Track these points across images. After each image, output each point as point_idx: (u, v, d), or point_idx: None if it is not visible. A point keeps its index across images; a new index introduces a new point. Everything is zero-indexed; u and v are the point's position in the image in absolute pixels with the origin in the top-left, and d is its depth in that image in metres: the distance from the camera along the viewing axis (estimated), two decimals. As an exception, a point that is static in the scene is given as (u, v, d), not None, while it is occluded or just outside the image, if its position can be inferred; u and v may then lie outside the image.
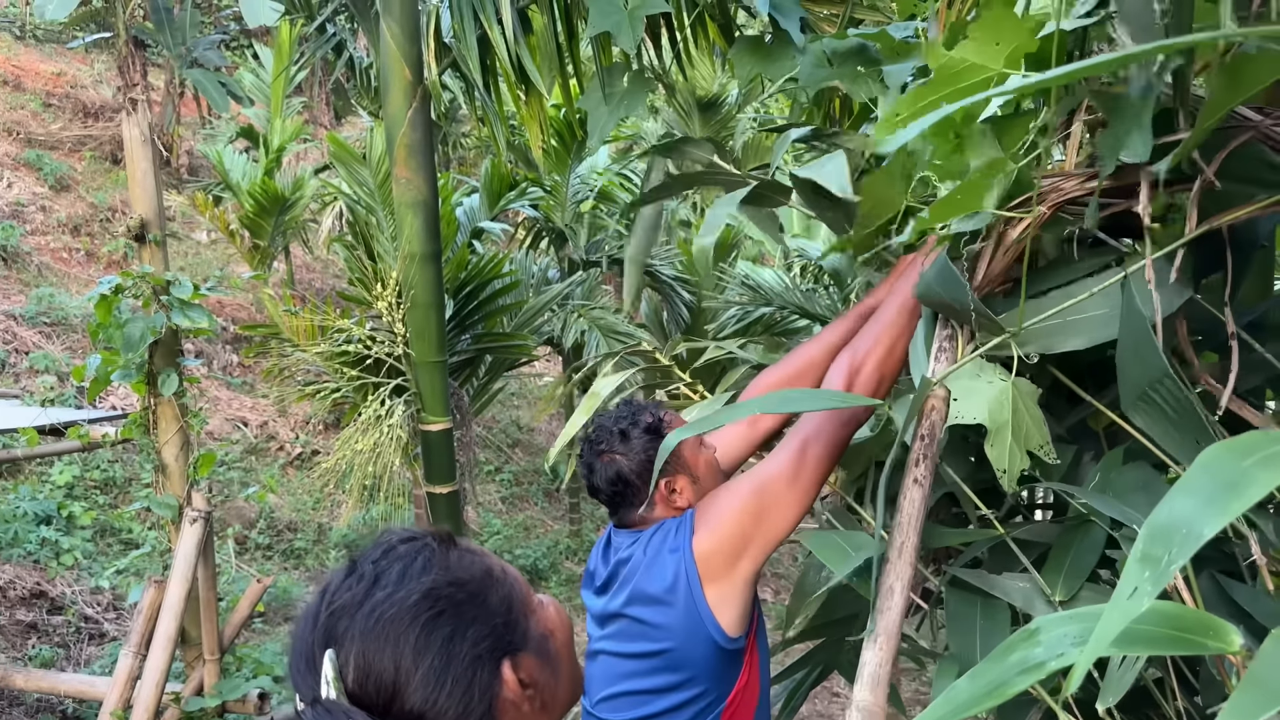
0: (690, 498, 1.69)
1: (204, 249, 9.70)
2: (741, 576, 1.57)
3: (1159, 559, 0.78)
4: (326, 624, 0.81)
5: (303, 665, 0.81)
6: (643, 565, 1.63)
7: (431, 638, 0.80)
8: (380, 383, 4.10)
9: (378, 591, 0.81)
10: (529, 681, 0.85)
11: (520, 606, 0.88)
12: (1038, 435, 1.32)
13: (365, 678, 0.78)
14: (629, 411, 1.75)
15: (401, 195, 3.62)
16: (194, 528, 3.05)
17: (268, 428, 8.11)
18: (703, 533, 1.58)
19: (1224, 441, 0.77)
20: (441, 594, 0.82)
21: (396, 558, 0.84)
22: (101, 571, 6.17)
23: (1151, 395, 1.14)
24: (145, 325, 3.02)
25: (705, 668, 1.58)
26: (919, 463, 1.32)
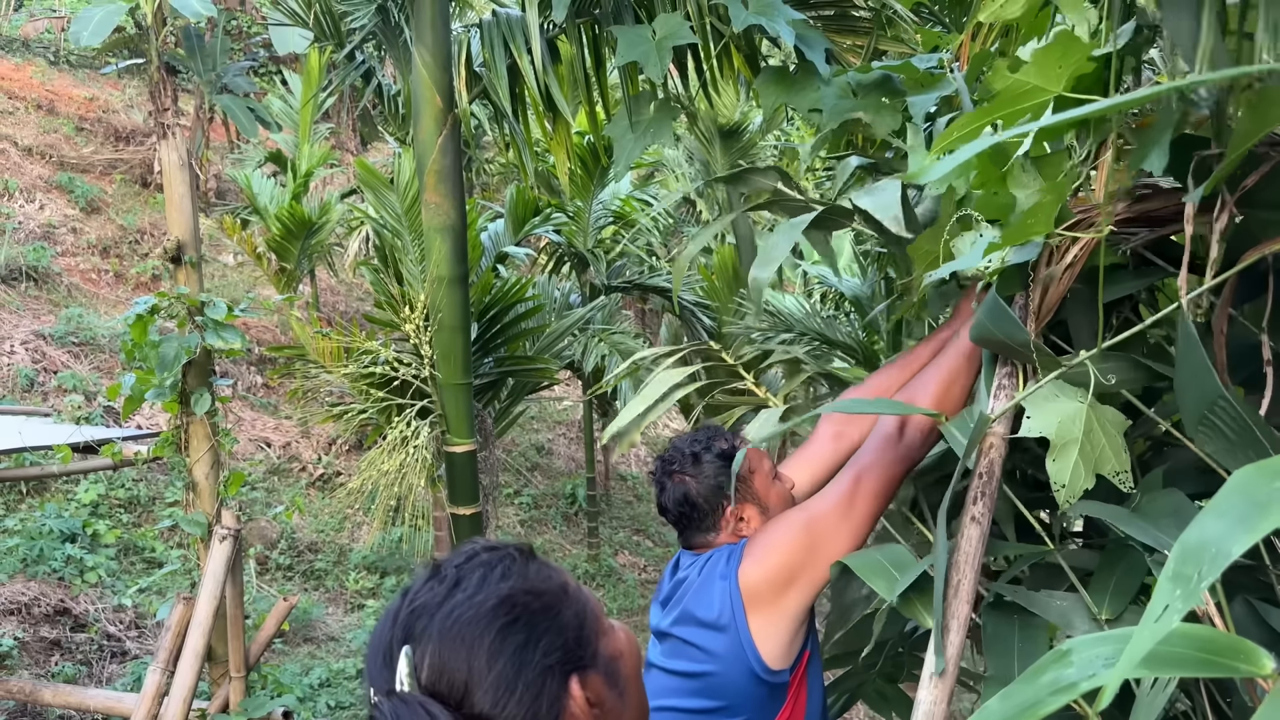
0: (758, 528, 1.70)
1: (231, 271, 9.83)
2: (789, 609, 1.57)
3: (1189, 578, 0.80)
4: (406, 621, 0.83)
5: (380, 660, 0.83)
6: (695, 588, 1.65)
7: (505, 643, 0.81)
8: (406, 404, 4.15)
9: (458, 594, 0.83)
10: (596, 701, 0.86)
11: (593, 625, 0.89)
12: (1114, 462, 1.33)
13: (439, 676, 0.80)
14: (705, 435, 1.76)
15: (431, 220, 3.69)
16: (223, 545, 3.10)
17: (290, 448, 8.17)
18: (751, 561, 1.59)
19: (1255, 464, 0.79)
20: (518, 601, 0.84)
21: (479, 564, 0.86)
22: (124, 590, 6.22)
23: (1211, 419, 1.16)
24: (180, 345, 3.08)
25: (744, 697, 1.58)
26: (977, 500, 1.34)
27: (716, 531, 1.71)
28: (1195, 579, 0.78)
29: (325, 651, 6.25)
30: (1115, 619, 1.36)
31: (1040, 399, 1.35)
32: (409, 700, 0.78)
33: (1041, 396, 1.35)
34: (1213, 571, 0.78)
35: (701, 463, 1.71)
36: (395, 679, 0.80)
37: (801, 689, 1.63)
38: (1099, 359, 1.32)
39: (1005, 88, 1.30)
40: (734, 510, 1.70)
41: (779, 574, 1.56)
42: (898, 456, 1.54)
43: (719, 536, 1.71)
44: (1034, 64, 1.26)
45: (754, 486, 1.70)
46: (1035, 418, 1.34)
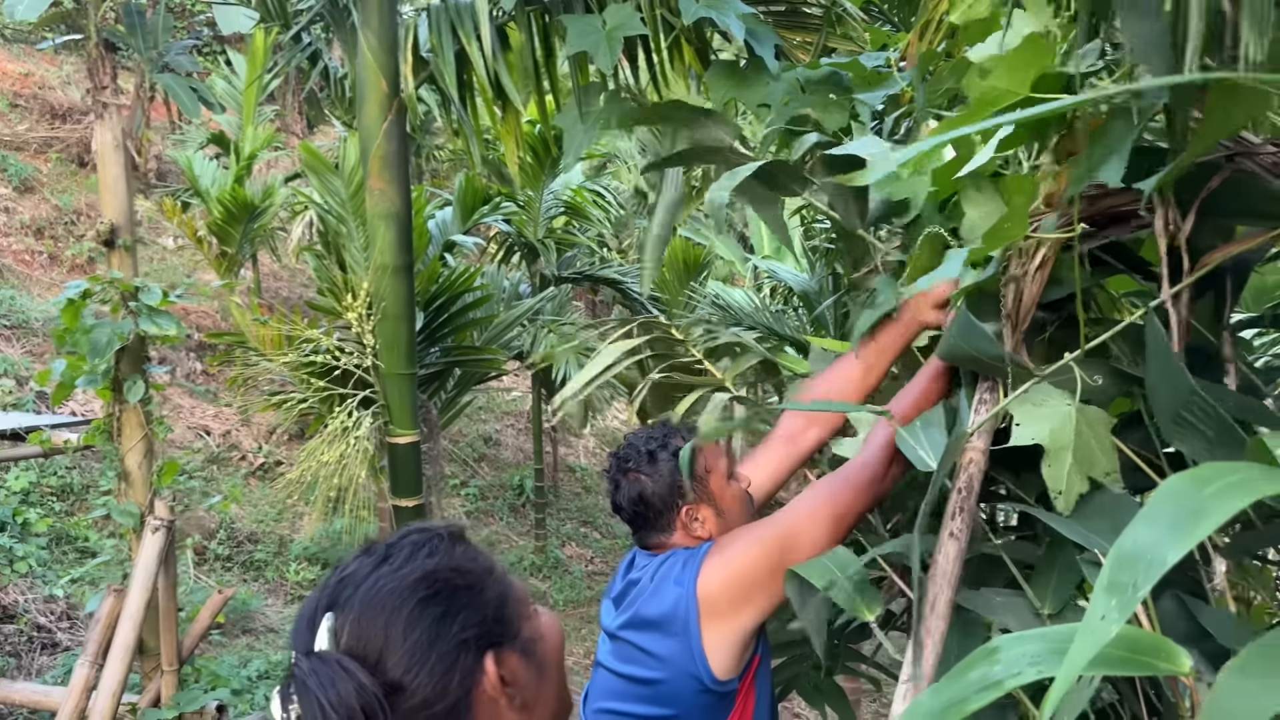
0: (713, 529, 1.68)
1: (170, 255, 9.60)
2: (743, 623, 1.55)
3: (1125, 587, 0.81)
4: (333, 590, 0.86)
5: (303, 625, 0.85)
6: (648, 592, 1.63)
7: (424, 614, 0.84)
8: (348, 394, 4.09)
9: (384, 567, 0.86)
10: (510, 679, 0.88)
11: (515, 607, 0.91)
12: (1104, 462, 1.34)
13: (356, 641, 0.82)
14: (661, 433, 1.73)
15: (375, 207, 3.62)
16: (155, 536, 3.02)
17: (230, 437, 8.02)
18: (711, 571, 1.56)
19: (1185, 472, 0.80)
20: (441, 576, 0.86)
21: (409, 542, 0.89)
22: (56, 580, 6.06)
23: (1185, 417, 1.16)
24: (112, 331, 2.99)
25: (690, 706, 1.57)
26: (955, 516, 1.33)
27: (671, 531, 1.69)
28: (1131, 589, 0.79)
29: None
30: (1057, 614, 1.38)
31: (1028, 406, 1.36)
32: (326, 659, 0.81)
33: (1029, 403, 1.36)
34: (1148, 580, 0.79)
35: (657, 461, 1.68)
36: (315, 642, 0.82)
37: (750, 694, 1.62)
38: (1082, 362, 1.34)
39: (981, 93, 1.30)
40: (689, 510, 1.67)
41: (739, 589, 1.54)
42: (875, 497, 1.56)
43: (673, 536, 1.69)
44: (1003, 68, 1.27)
45: (710, 487, 1.68)
46: (1025, 425, 1.33)
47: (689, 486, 1.67)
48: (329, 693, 0.79)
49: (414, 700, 0.82)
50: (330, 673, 0.80)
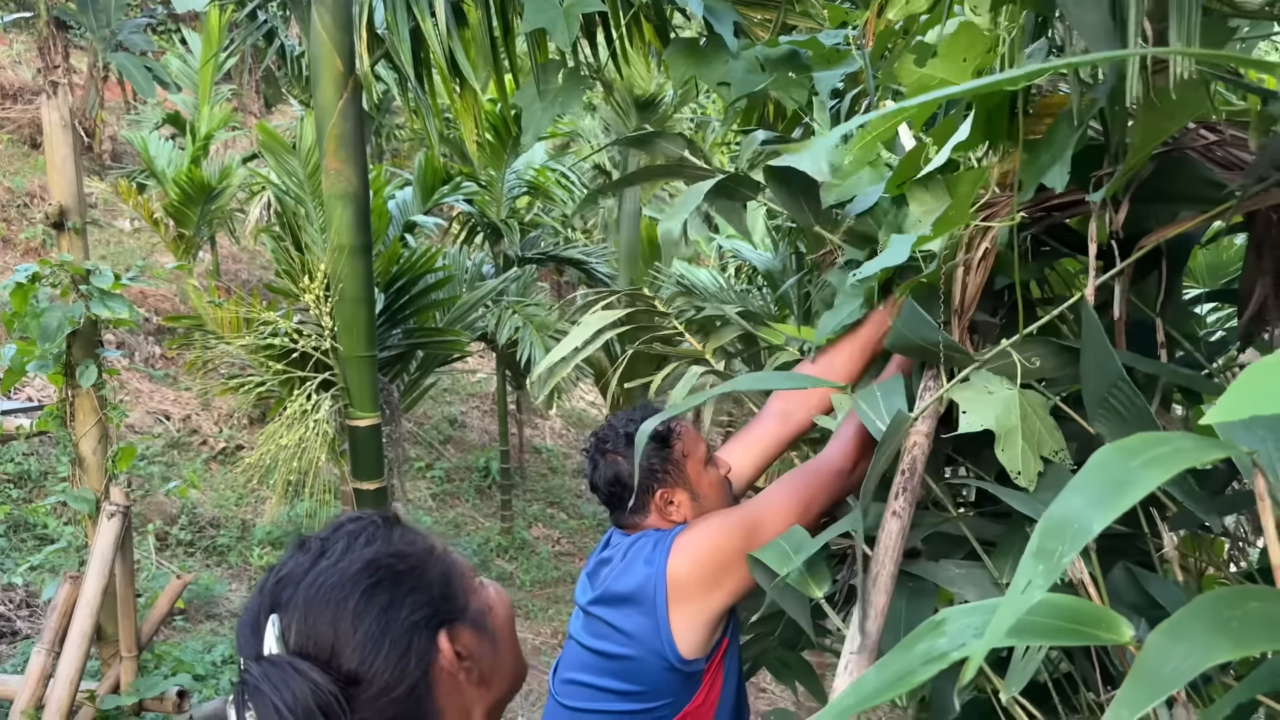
0: (688, 513, 1.69)
1: (127, 238, 9.43)
2: (711, 607, 1.57)
3: (1052, 553, 0.82)
4: (273, 591, 0.85)
5: (248, 631, 0.84)
6: (619, 570, 1.64)
7: (370, 604, 0.84)
8: (307, 377, 4.05)
9: (323, 562, 0.86)
10: (466, 654, 0.89)
11: (459, 582, 0.92)
12: (1051, 442, 1.37)
13: (306, 640, 0.82)
14: (641, 415, 1.74)
15: (331, 187, 3.58)
16: (112, 522, 2.98)
17: (191, 421, 7.92)
18: (681, 555, 1.58)
19: (1114, 443, 0.82)
20: (382, 564, 0.86)
21: (344, 534, 0.89)
22: (15, 568, 5.97)
23: (1110, 401, 1.19)
24: (63, 315, 2.94)
25: (657, 683, 1.58)
26: (898, 495, 1.36)
27: (646, 513, 1.70)
28: (1057, 554, 0.81)
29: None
30: (1019, 585, 1.41)
31: (970, 393, 1.38)
32: (278, 662, 0.80)
33: (971, 390, 1.38)
34: (1074, 548, 0.80)
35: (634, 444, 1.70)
36: (264, 646, 0.82)
37: (718, 675, 1.63)
38: (1021, 346, 1.36)
39: (915, 81, 1.31)
40: (664, 493, 1.68)
41: (708, 574, 1.56)
42: (844, 490, 1.60)
43: (648, 518, 1.71)
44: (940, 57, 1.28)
45: (686, 471, 1.69)
46: (971, 413, 1.36)
47: (665, 470, 1.67)
48: (284, 695, 0.78)
49: (373, 689, 0.82)
50: (283, 675, 0.79)
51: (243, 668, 0.82)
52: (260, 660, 0.81)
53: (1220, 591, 0.85)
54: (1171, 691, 0.73)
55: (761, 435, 1.81)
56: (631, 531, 1.72)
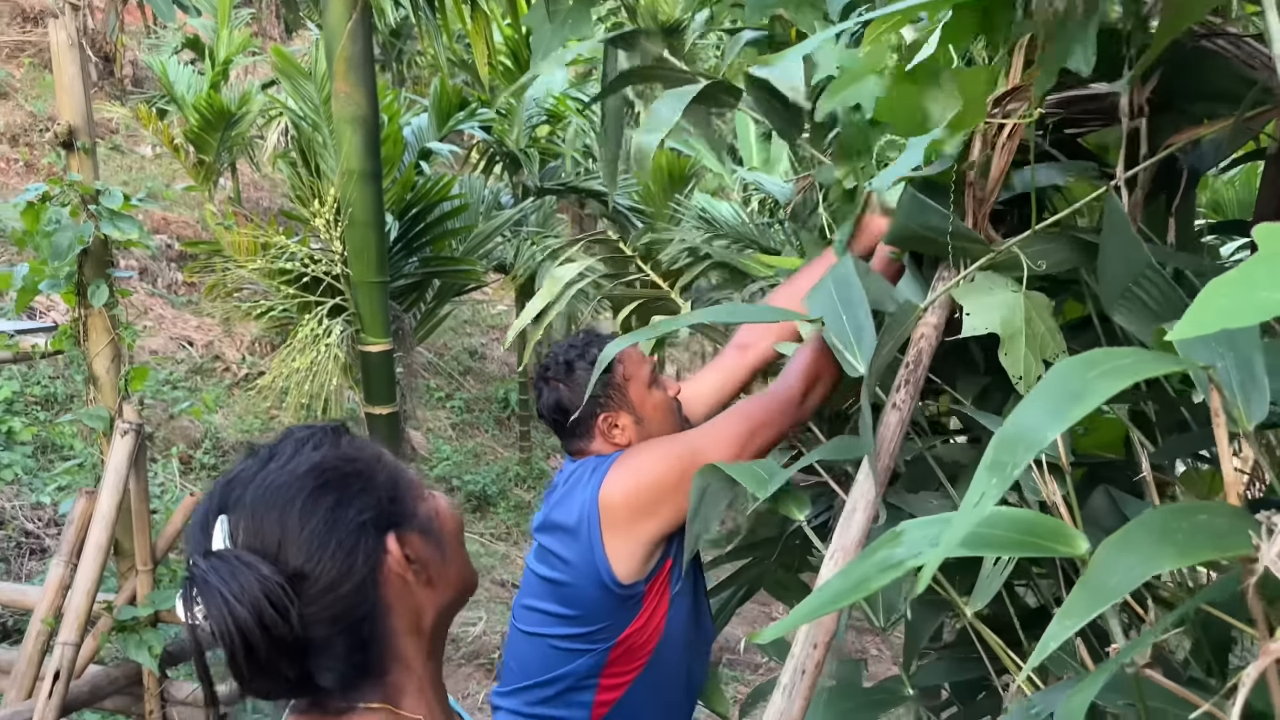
0: (633, 436, 1.69)
1: (148, 163, 9.45)
2: (645, 532, 1.58)
3: (1005, 465, 0.82)
4: (221, 493, 0.87)
5: (198, 531, 0.86)
6: (560, 496, 1.67)
7: (318, 504, 0.86)
8: (319, 302, 4.07)
9: (271, 465, 0.88)
10: (414, 557, 0.91)
11: (408, 488, 0.94)
12: (1053, 345, 1.35)
13: (253, 538, 0.84)
14: (582, 341, 1.75)
15: (340, 111, 3.56)
16: (125, 440, 3.04)
17: (213, 347, 8.02)
18: (614, 482, 1.59)
19: (1078, 355, 0.81)
20: (329, 466, 0.88)
21: (293, 440, 0.91)
22: (43, 487, 6.12)
23: (1135, 291, 1.16)
24: (74, 234, 2.96)
25: (595, 607, 1.61)
26: (900, 388, 1.34)
27: (590, 438, 1.72)
28: (1009, 466, 0.81)
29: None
30: (987, 516, 1.40)
31: (975, 295, 1.35)
32: (224, 555, 0.82)
33: (976, 292, 1.35)
34: (1025, 458, 0.80)
35: (575, 370, 1.70)
36: (212, 544, 0.84)
37: (662, 595, 1.65)
38: (1029, 244, 1.32)
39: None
40: (606, 418, 1.69)
41: (640, 502, 1.57)
42: (794, 420, 1.57)
43: (593, 444, 1.72)
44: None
45: (629, 395, 1.69)
46: (975, 314, 1.34)
47: (607, 395, 1.67)
48: (230, 586, 0.80)
49: (319, 585, 0.84)
50: (230, 568, 0.81)
51: (190, 563, 0.83)
52: (208, 555, 0.83)
53: (1172, 506, 0.85)
54: (1114, 600, 0.73)
55: (723, 366, 1.81)
56: (579, 458, 1.73)
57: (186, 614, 0.81)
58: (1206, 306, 0.58)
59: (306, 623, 0.83)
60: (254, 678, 0.82)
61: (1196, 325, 0.57)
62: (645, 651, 1.63)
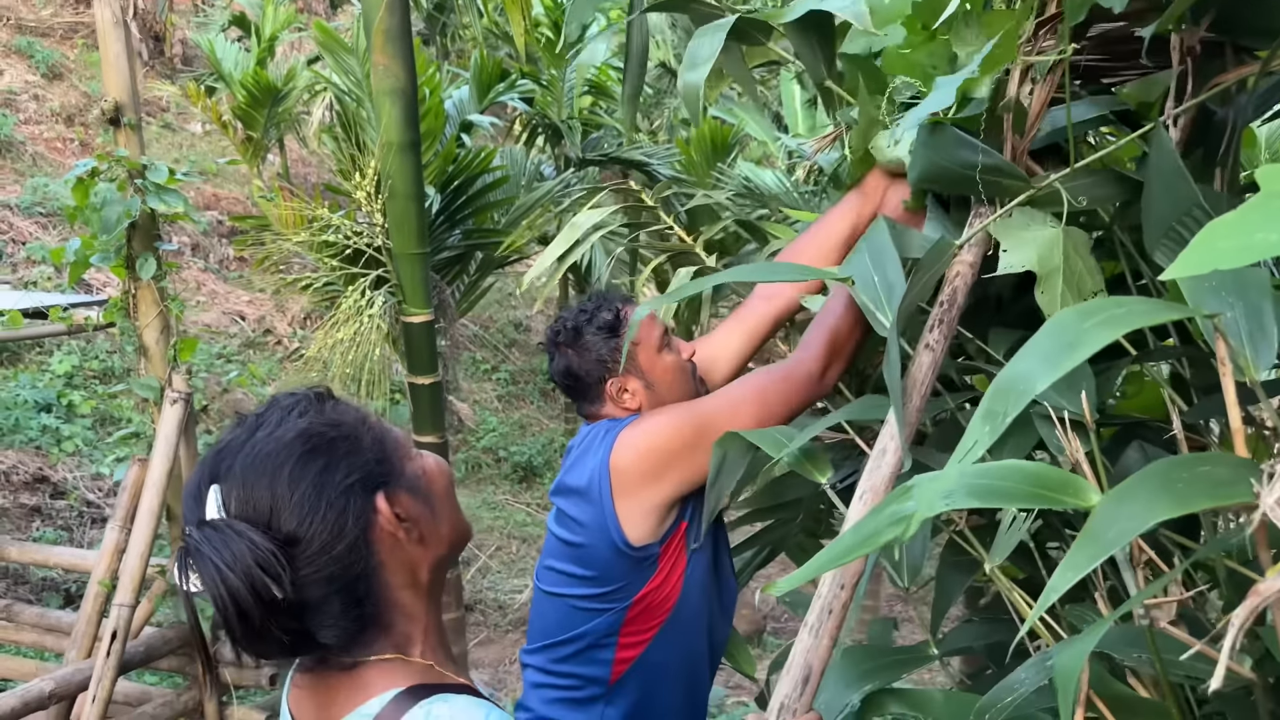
0: (644, 400, 1.69)
1: (199, 140, 9.62)
2: (656, 497, 1.58)
3: (998, 414, 0.82)
4: (212, 463, 0.90)
5: (191, 500, 0.89)
6: (574, 460, 1.68)
7: (306, 469, 0.88)
8: (361, 273, 4.13)
9: (259, 433, 0.90)
10: (405, 515, 0.93)
11: (395, 449, 0.95)
12: (1091, 282, 1.31)
13: (245, 506, 0.86)
14: (592, 305, 1.74)
15: (380, 83, 3.58)
16: (174, 408, 3.12)
17: (265, 321, 8.17)
18: (625, 446, 1.58)
19: (1076, 306, 0.80)
20: (315, 432, 0.90)
21: (277, 408, 0.93)
22: (102, 459, 6.31)
23: (1179, 231, 1.13)
24: (121, 208, 3.03)
25: (609, 568, 1.61)
26: (934, 328, 1.31)
27: (601, 403, 1.72)
28: (1002, 416, 0.80)
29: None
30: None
31: (1012, 231, 1.32)
32: (218, 525, 0.85)
33: (1012, 228, 1.32)
34: (1017, 406, 0.80)
35: (583, 335, 1.70)
36: (205, 514, 0.86)
37: (679, 556, 1.65)
38: (1070, 179, 1.28)
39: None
40: (616, 382, 1.69)
41: (651, 466, 1.56)
42: (813, 395, 1.54)
43: (604, 408, 1.72)
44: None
45: (638, 359, 1.68)
46: (1012, 251, 1.30)
47: (616, 360, 1.67)
48: (223, 554, 0.83)
49: (313, 547, 0.87)
50: (222, 537, 0.84)
51: (185, 533, 0.86)
52: (202, 525, 0.86)
53: (1177, 458, 0.84)
54: (1112, 551, 0.72)
55: (747, 316, 1.79)
56: (593, 421, 1.74)
57: (182, 583, 0.85)
58: (1202, 247, 0.57)
59: (303, 584, 0.86)
60: (248, 642, 0.86)
61: (1192, 265, 0.57)
62: (663, 610, 1.64)
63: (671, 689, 1.72)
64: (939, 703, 1.43)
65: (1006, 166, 1.30)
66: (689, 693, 1.76)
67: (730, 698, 4.62)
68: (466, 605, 5.42)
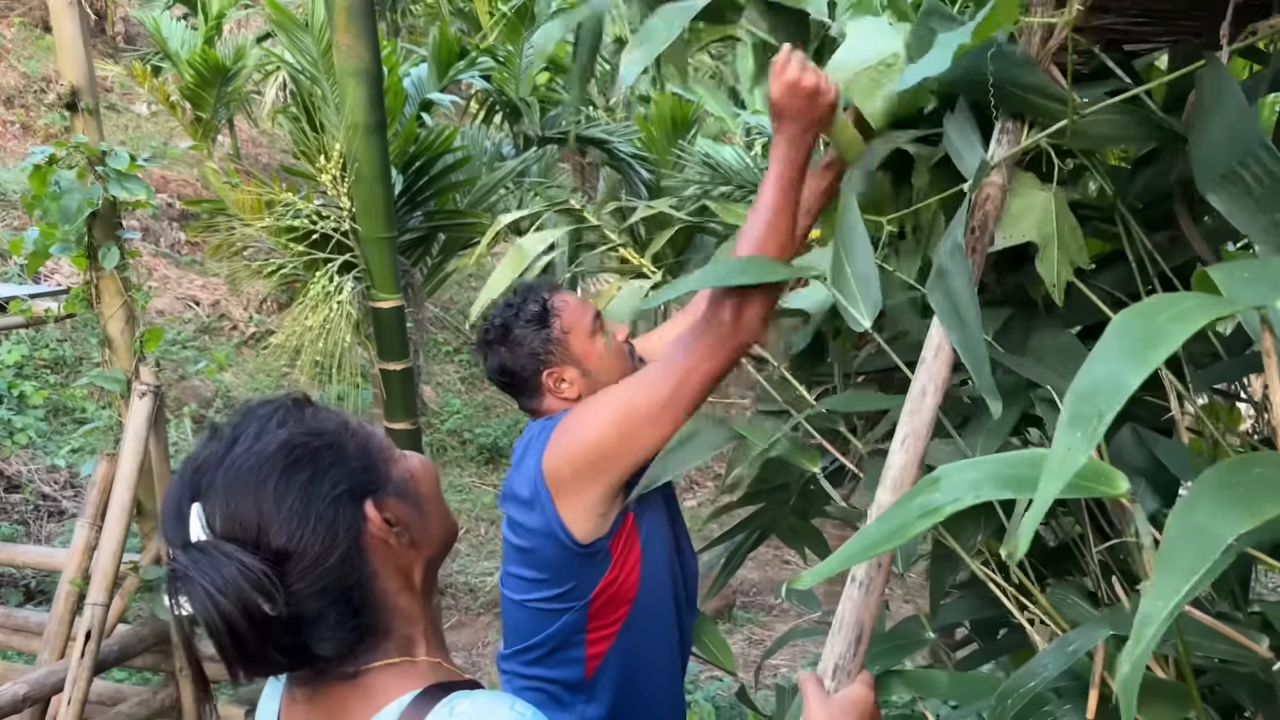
0: (581, 388, 1.66)
1: (145, 121, 9.36)
2: (594, 495, 1.55)
3: (1089, 419, 0.80)
4: (191, 480, 0.87)
5: (172, 520, 0.86)
6: (515, 464, 1.66)
7: (291, 483, 0.86)
8: (328, 259, 4.06)
9: (237, 447, 0.88)
10: (395, 520, 0.92)
11: (379, 453, 0.94)
12: (1073, 244, 1.28)
13: (231, 524, 0.84)
14: (518, 299, 1.70)
15: (343, 63, 3.50)
16: (143, 401, 3.05)
17: (220, 306, 8.01)
18: (554, 449, 1.55)
19: (1131, 308, 0.80)
20: (297, 443, 0.88)
21: (254, 418, 0.90)
22: (57, 450, 6.16)
23: (1239, 172, 1.08)
24: (82, 197, 2.94)
25: (562, 568, 1.60)
26: (968, 256, 1.27)
27: (541, 396, 1.70)
28: (1096, 420, 0.79)
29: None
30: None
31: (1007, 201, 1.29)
32: (204, 548, 0.83)
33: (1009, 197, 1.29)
34: (1110, 408, 0.79)
35: (513, 330, 1.67)
36: (189, 534, 0.84)
37: (631, 546, 1.63)
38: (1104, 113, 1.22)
39: None
40: (552, 374, 1.66)
41: (583, 462, 1.53)
42: (734, 345, 1.42)
43: (545, 401, 1.70)
44: None
45: (570, 348, 1.66)
46: (1009, 225, 1.28)
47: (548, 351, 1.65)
48: (213, 578, 0.81)
49: (305, 561, 0.85)
50: (210, 560, 0.82)
51: (171, 556, 0.84)
52: (188, 548, 0.84)
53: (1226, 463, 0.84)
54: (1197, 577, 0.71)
55: (696, 304, 1.80)
56: (536, 418, 1.72)
57: (172, 607, 0.83)
58: None
59: (297, 599, 0.85)
60: (246, 663, 0.84)
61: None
62: (625, 602, 1.64)
63: (649, 678, 1.71)
64: (944, 683, 1.44)
65: (1050, 87, 1.23)
66: (668, 678, 1.75)
67: (704, 673, 4.65)
68: (439, 590, 5.40)
